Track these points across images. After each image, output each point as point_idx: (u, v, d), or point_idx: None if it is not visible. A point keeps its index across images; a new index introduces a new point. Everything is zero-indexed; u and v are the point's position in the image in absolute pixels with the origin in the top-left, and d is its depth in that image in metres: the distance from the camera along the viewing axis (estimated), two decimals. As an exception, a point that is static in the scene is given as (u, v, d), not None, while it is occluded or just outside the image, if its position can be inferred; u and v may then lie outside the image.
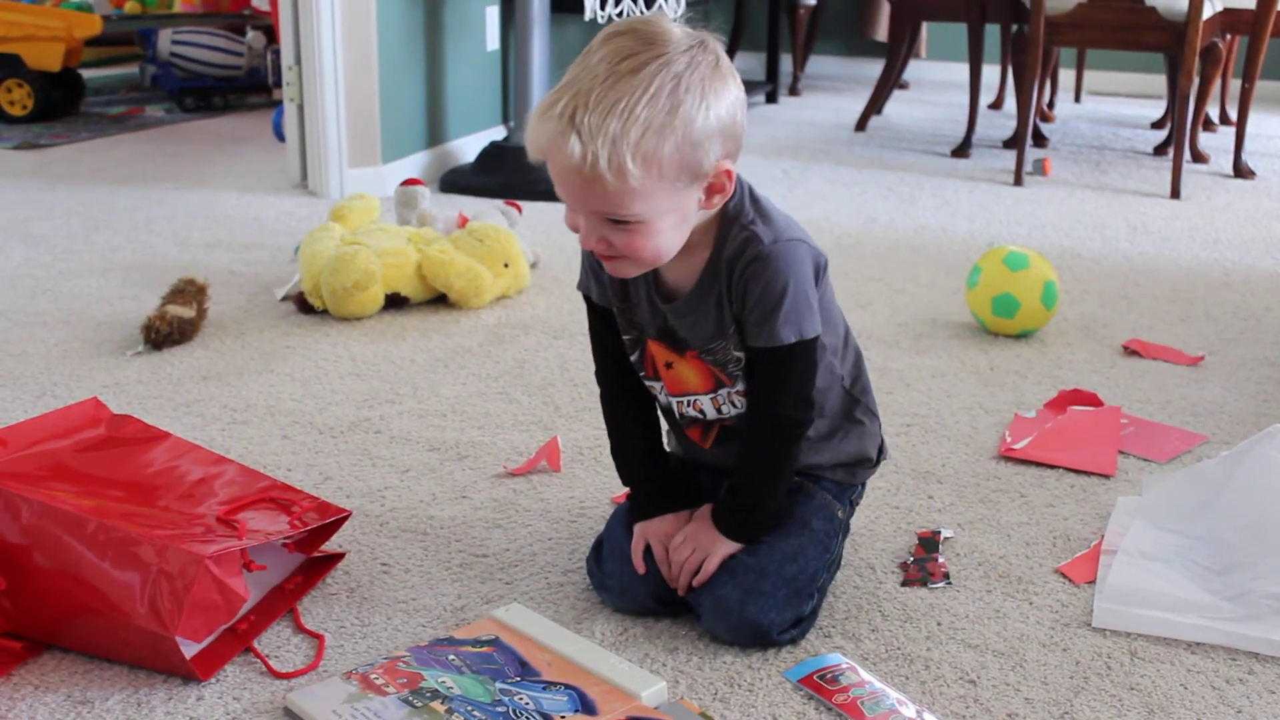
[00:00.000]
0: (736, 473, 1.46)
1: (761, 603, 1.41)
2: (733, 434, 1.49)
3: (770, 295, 1.35)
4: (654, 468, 1.53)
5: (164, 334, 2.33)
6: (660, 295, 1.42)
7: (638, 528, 1.50)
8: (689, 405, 1.47)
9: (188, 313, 2.38)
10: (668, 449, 1.59)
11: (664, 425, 1.57)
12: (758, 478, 1.45)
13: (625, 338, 1.48)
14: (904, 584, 1.57)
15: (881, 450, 1.59)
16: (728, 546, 1.44)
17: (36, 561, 1.39)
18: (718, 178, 1.30)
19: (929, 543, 1.66)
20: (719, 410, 1.47)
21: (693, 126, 1.24)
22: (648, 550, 1.48)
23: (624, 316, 1.47)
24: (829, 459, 1.53)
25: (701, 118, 1.24)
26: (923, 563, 1.61)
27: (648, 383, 1.50)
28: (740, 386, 1.44)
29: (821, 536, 1.49)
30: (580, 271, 1.50)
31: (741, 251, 1.35)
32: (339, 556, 1.60)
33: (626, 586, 1.48)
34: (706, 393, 1.45)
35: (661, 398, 1.50)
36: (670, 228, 1.30)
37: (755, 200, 1.39)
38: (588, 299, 1.50)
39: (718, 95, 1.26)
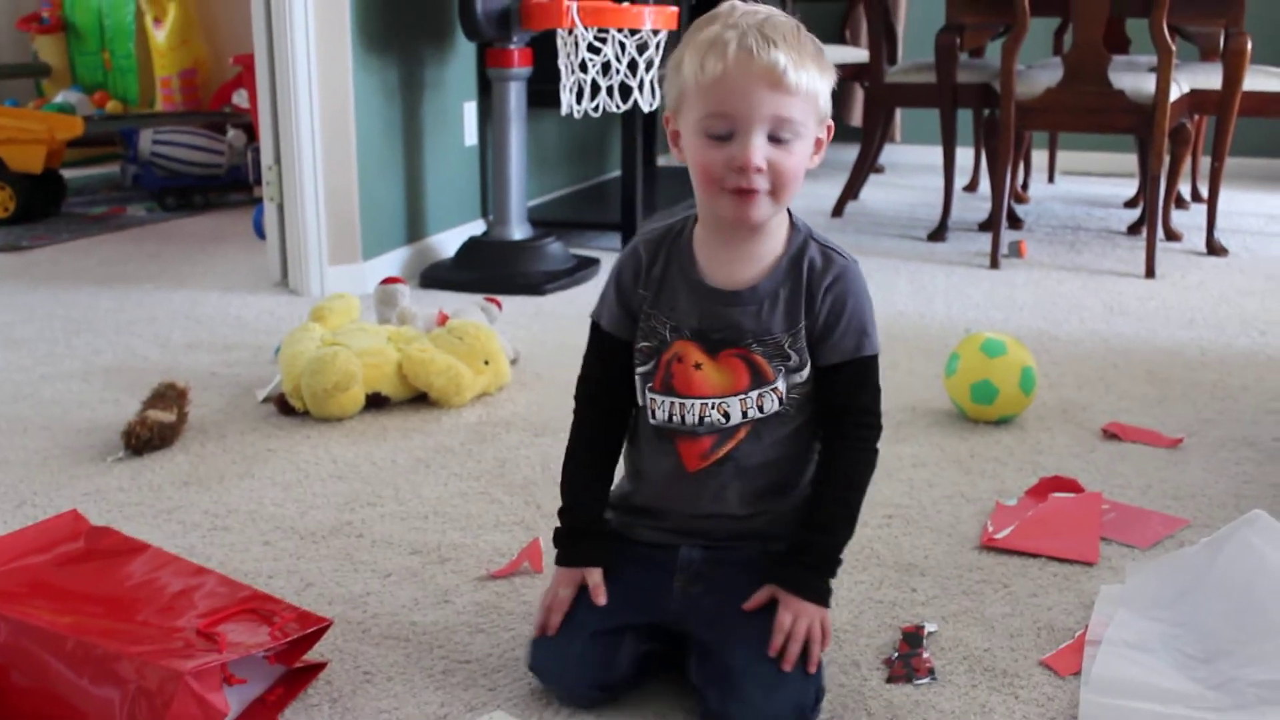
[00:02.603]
0: (814, 516, 1.50)
1: (790, 688, 1.41)
2: (730, 465, 1.50)
3: (861, 310, 1.49)
4: (596, 491, 1.58)
5: (144, 439, 2.32)
6: (710, 290, 1.48)
7: (567, 574, 1.54)
8: (713, 409, 1.48)
9: (168, 417, 2.38)
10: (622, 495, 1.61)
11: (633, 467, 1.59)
12: (840, 510, 1.51)
13: (643, 345, 1.51)
14: (889, 680, 1.56)
15: None
16: (823, 608, 1.48)
17: (14, 680, 1.38)
18: (823, 127, 1.44)
19: (913, 638, 1.65)
20: (744, 413, 1.48)
21: (828, 74, 1.41)
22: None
23: (648, 323, 1.50)
24: (773, 522, 1.54)
25: (829, 72, 1.42)
26: (907, 658, 1.60)
27: (653, 395, 1.51)
28: (779, 384, 1.47)
29: None
30: (598, 304, 1.57)
31: (826, 263, 1.48)
32: (320, 666, 1.59)
33: (562, 675, 1.49)
34: (738, 393, 1.48)
35: (660, 413, 1.50)
36: (805, 161, 1.42)
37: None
38: (596, 327, 1.56)
39: (827, 58, 1.42)
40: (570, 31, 3.49)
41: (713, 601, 1.50)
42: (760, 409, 1.48)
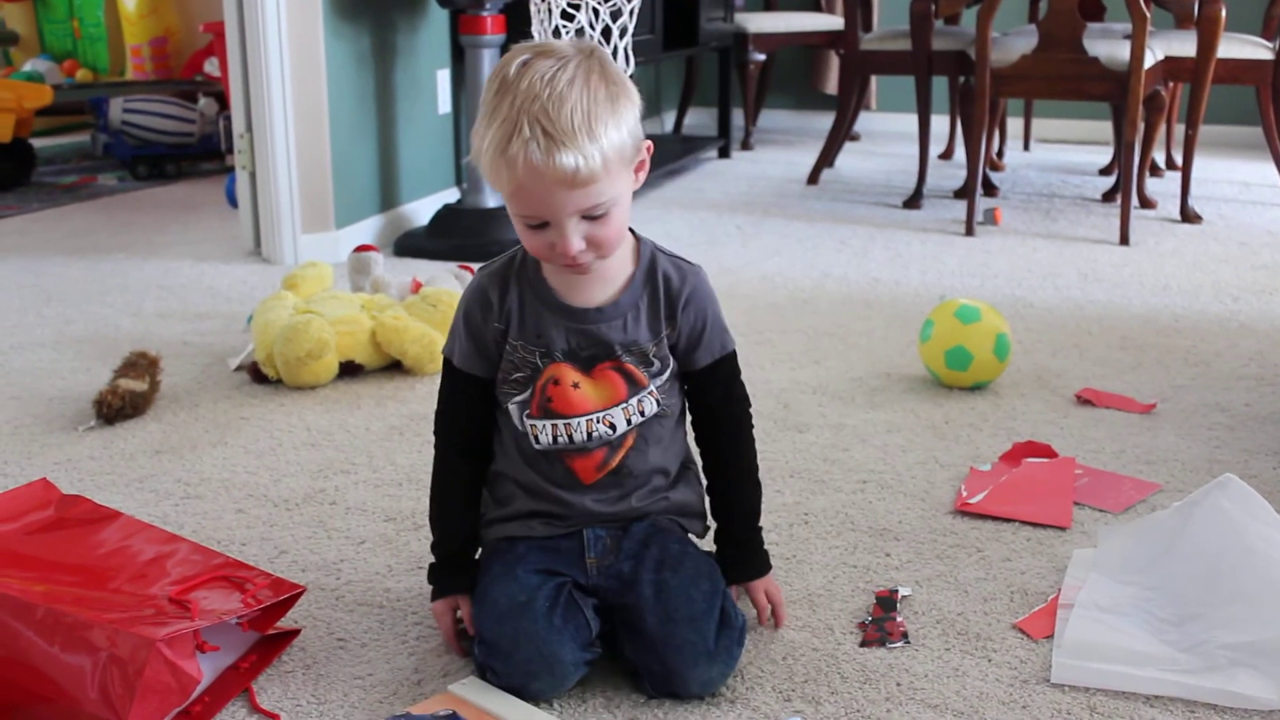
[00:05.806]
0: (732, 504, 1.60)
1: (721, 660, 1.44)
2: (625, 471, 1.53)
3: (717, 312, 1.55)
4: (466, 522, 1.59)
5: (116, 408, 2.31)
6: (572, 311, 1.50)
7: (444, 604, 1.56)
8: (599, 422, 1.51)
9: (140, 386, 2.36)
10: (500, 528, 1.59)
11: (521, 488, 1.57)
12: (752, 489, 1.61)
13: (516, 376, 1.51)
14: (863, 645, 1.57)
15: (704, 516, 1.65)
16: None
17: (-16, 649, 1.37)
18: (641, 153, 1.43)
19: (887, 602, 1.66)
20: (629, 420, 1.51)
21: (628, 112, 1.40)
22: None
23: (515, 354, 1.51)
24: (669, 506, 1.58)
25: (630, 105, 1.40)
26: (881, 622, 1.61)
27: (531, 422, 1.51)
28: (657, 384, 1.52)
29: (697, 555, 1.54)
30: (448, 340, 1.56)
31: (681, 276, 1.53)
32: (294, 633, 1.58)
33: (542, 670, 1.44)
34: (619, 403, 1.51)
35: (545, 437, 1.51)
36: (626, 207, 1.43)
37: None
38: (449, 363, 1.56)
39: (628, 85, 1.41)
40: (544, -2, 3.47)
41: (628, 566, 1.51)
42: (642, 413, 1.53)
